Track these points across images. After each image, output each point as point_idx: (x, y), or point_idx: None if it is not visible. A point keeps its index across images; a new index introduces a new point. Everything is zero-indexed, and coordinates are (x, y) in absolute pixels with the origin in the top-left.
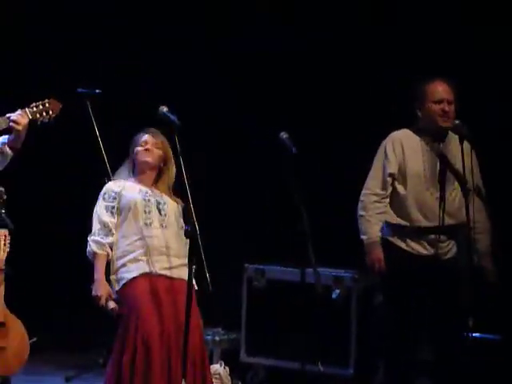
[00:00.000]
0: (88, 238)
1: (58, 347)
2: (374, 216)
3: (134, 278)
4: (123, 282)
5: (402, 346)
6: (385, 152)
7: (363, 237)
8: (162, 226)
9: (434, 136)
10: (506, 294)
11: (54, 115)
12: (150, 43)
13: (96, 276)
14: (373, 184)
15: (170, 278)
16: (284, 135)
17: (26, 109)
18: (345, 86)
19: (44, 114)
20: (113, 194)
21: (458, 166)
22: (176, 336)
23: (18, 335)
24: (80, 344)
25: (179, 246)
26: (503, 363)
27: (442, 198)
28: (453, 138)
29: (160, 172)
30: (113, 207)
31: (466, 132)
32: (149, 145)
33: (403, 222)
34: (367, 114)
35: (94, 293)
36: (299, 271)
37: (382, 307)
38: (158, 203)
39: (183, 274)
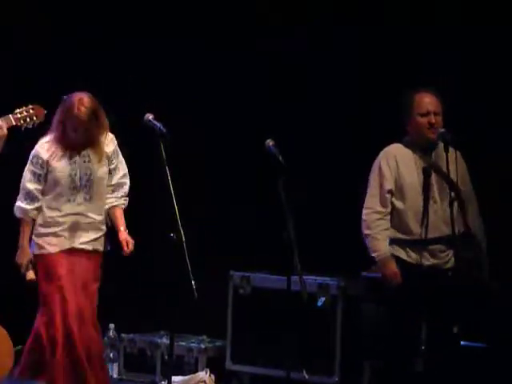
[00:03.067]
0: (16, 203)
1: None
2: (380, 233)
3: (53, 253)
4: (42, 251)
5: (394, 357)
6: (380, 169)
7: (374, 254)
8: (85, 199)
9: (424, 148)
10: (493, 302)
11: (37, 121)
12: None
13: (20, 242)
14: (373, 202)
15: (88, 251)
16: (270, 143)
17: (10, 115)
18: (335, 91)
19: (28, 119)
20: (40, 162)
21: (451, 174)
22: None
23: (2, 343)
24: None
25: (100, 217)
26: (490, 371)
27: (426, 210)
28: (442, 147)
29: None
30: (39, 175)
31: (451, 139)
32: (80, 133)
33: (404, 237)
34: (355, 122)
35: (16, 259)
36: (285, 279)
37: (372, 316)
38: (85, 174)
39: (98, 245)
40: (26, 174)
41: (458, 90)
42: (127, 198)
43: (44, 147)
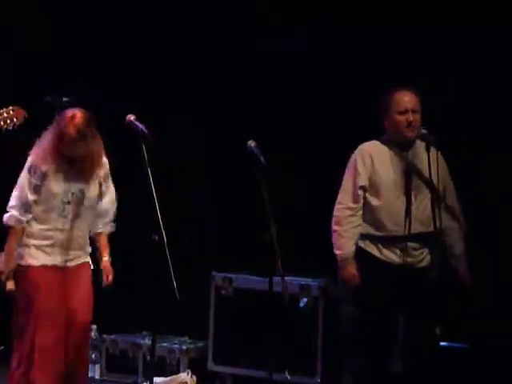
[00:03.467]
0: (8, 208)
1: None
2: (348, 231)
3: (34, 266)
4: (23, 262)
5: (372, 357)
6: (355, 165)
7: (337, 252)
8: (76, 216)
9: (401, 146)
10: (475, 302)
11: (18, 123)
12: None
13: (6, 249)
14: (345, 198)
15: (68, 267)
16: (252, 144)
17: None
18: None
19: (8, 121)
20: (38, 173)
21: (431, 173)
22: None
23: None
24: None
25: (86, 236)
26: (470, 372)
27: (408, 207)
28: (420, 146)
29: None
30: (37, 185)
31: (433, 140)
32: (72, 150)
33: (377, 233)
34: (355, 122)
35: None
36: (267, 280)
37: (350, 318)
38: (79, 191)
39: (81, 260)
40: (25, 184)
41: (458, 90)
42: (113, 224)
43: (41, 157)
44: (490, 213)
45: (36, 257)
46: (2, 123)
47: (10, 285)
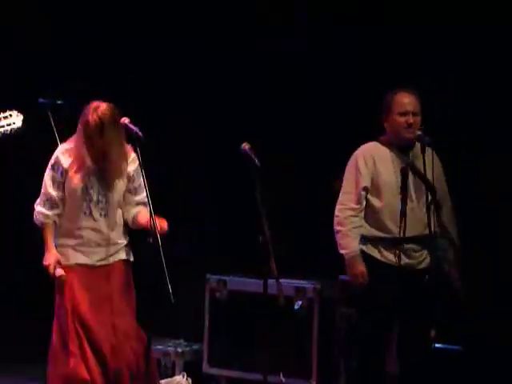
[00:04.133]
0: (35, 206)
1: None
2: (351, 230)
3: (69, 265)
4: (60, 262)
5: (373, 356)
6: (356, 166)
7: (343, 251)
8: (101, 215)
9: (401, 147)
10: (468, 304)
11: (16, 127)
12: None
13: (45, 246)
14: (347, 199)
15: (107, 265)
16: (246, 146)
17: None
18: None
19: (5, 125)
20: (61, 169)
21: (428, 175)
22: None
23: None
24: None
25: (117, 232)
26: (465, 374)
27: (404, 209)
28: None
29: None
30: (60, 182)
31: (428, 141)
32: (97, 140)
33: (378, 234)
34: (355, 122)
35: (44, 262)
36: (261, 282)
37: (347, 318)
38: (101, 189)
39: (119, 256)
40: (47, 180)
41: (458, 90)
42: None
43: (65, 154)
44: (489, 213)
45: (69, 256)
46: (0, 128)
47: (60, 272)
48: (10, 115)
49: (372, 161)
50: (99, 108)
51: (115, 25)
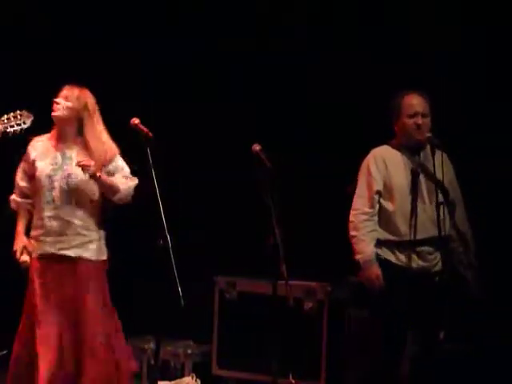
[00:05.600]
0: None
1: None
2: (366, 235)
3: (33, 257)
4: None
5: (385, 361)
6: (368, 170)
7: (358, 256)
8: (65, 202)
9: (411, 149)
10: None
11: (25, 127)
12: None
13: (16, 230)
14: (361, 203)
15: (70, 258)
16: (257, 147)
17: None
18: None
19: (15, 126)
20: (30, 160)
21: (438, 177)
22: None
23: None
24: None
25: (83, 221)
26: (473, 374)
27: (414, 211)
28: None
29: (81, 125)
30: (26, 173)
31: (438, 143)
32: (58, 98)
33: (392, 237)
34: (355, 123)
35: (13, 246)
36: (271, 283)
37: (356, 320)
38: (65, 176)
39: (84, 252)
40: (19, 172)
41: (458, 91)
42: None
43: (34, 145)
44: (490, 213)
45: (35, 247)
46: (9, 128)
47: (24, 257)
48: (21, 115)
49: (383, 164)
50: (65, 87)
51: (115, 25)
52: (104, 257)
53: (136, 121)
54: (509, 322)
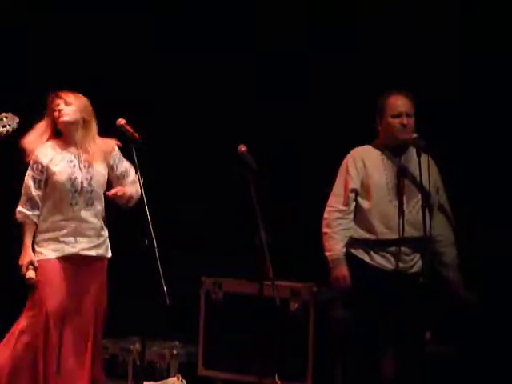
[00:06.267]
0: (17, 208)
1: None
2: (338, 233)
3: (51, 258)
4: (41, 257)
5: (367, 361)
6: (346, 168)
7: (327, 253)
8: (87, 204)
9: (394, 150)
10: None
11: (11, 129)
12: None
13: (22, 245)
14: (335, 201)
15: (91, 257)
16: (243, 148)
17: None
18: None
19: (1, 128)
20: (40, 167)
21: (423, 179)
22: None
23: None
24: None
25: (100, 221)
26: (459, 376)
27: (401, 210)
28: (413, 151)
29: (84, 127)
30: (40, 180)
31: (424, 145)
32: (60, 105)
33: (368, 236)
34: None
35: (19, 261)
36: (257, 284)
37: (341, 321)
38: (86, 178)
39: (102, 251)
40: (28, 181)
41: (458, 92)
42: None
43: (43, 152)
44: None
45: (55, 249)
46: None
47: (30, 274)
48: (6, 117)
49: (362, 163)
50: (62, 91)
51: (116, 24)
52: (110, 254)
53: (122, 121)
54: (495, 323)
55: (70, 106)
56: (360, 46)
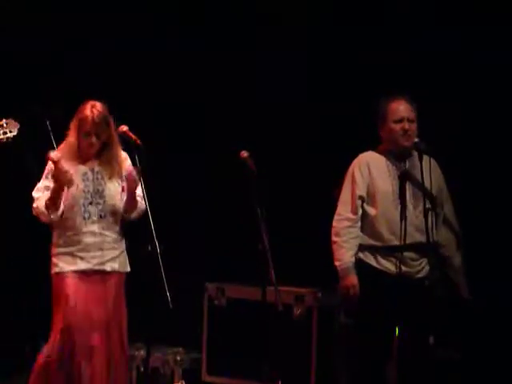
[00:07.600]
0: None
1: None
2: (347, 241)
3: (67, 272)
4: (57, 270)
5: (372, 366)
6: (352, 176)
7: (337, 263)
8: (100, 216)
9: (397, 155)
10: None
11: (11, 135)
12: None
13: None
14: (344, 209)
15: (104, 272)
16: (244, 154)
17: None
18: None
19: (2, 134)
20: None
21: (426, 183)
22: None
23: None
24: None
25: (115, 235)
26: (463, 381)
27: (403, 215)
28: (417, 156)
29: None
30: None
31: (425, 149)
32: (92, 139)
33: (375, 243)
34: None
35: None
36: (260, 290)
37: (345, 326)
38: (98, 191)
39: (117, 265)
40: (42, 189)
41: (458, 94)
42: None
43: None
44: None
45: (68, 263)
46: None
47: (54, 155)
48: (7, 124)
49: (367, 169)
50: (96, 104)
51: (116, 24)
52: (128, 268)
53: (124, 128)
54: (499, 327)
55: (100, 138)
56: (360, 46)
